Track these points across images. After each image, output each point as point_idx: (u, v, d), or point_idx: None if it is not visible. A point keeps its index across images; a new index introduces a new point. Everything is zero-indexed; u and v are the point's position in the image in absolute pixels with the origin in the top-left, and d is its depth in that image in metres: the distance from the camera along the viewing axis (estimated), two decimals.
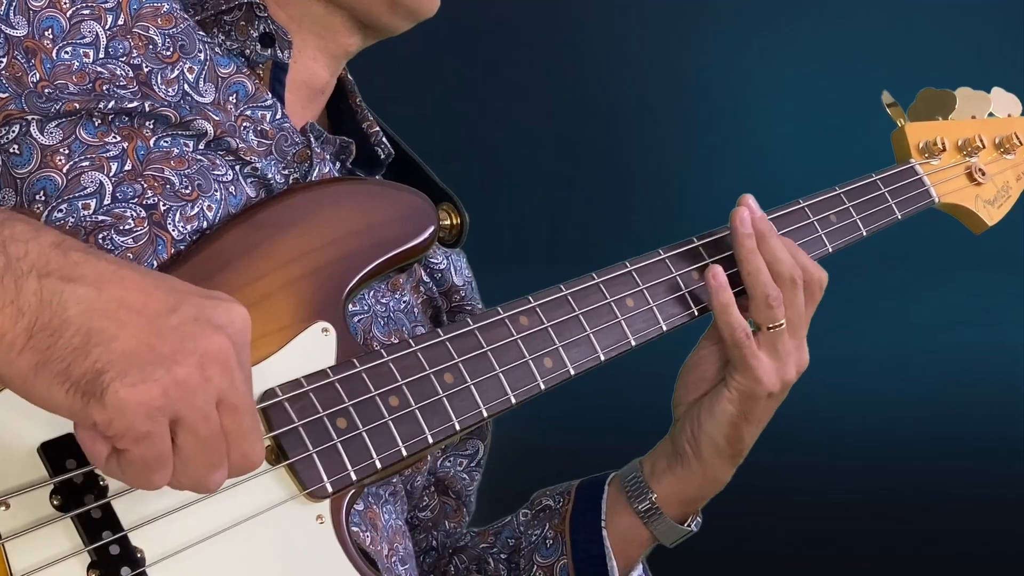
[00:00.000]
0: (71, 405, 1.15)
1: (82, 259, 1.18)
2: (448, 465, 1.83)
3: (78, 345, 1.14)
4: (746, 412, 1.70)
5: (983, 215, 2.02)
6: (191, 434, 1.18)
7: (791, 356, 1.70)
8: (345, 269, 1.50)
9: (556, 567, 1.76)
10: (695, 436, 1.72)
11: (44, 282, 1.15)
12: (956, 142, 2.01)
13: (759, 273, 1.68)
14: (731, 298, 1.69)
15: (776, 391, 1.70)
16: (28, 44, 1.45)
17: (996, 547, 3.72)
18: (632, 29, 4.05)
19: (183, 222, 1.46)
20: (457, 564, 1.83)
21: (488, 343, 1.54)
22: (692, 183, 4.05)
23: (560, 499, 1.80)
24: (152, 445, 1.16)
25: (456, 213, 1.68)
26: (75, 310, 1.15)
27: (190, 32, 1.56)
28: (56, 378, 1.14)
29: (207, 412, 1.18)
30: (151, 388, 1.14)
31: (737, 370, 1.69)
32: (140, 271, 1.20)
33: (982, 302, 3.99)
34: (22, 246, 1.17)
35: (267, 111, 1.58)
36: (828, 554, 3.74)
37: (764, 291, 1.68)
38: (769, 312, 1.68)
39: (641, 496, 1.75)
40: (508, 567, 1.80)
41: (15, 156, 1.42)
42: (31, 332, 1.14)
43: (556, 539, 1.77)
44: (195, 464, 1.20)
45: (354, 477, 1.42)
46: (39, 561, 1.26)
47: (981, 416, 3.92)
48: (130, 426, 1.14)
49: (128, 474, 1.19)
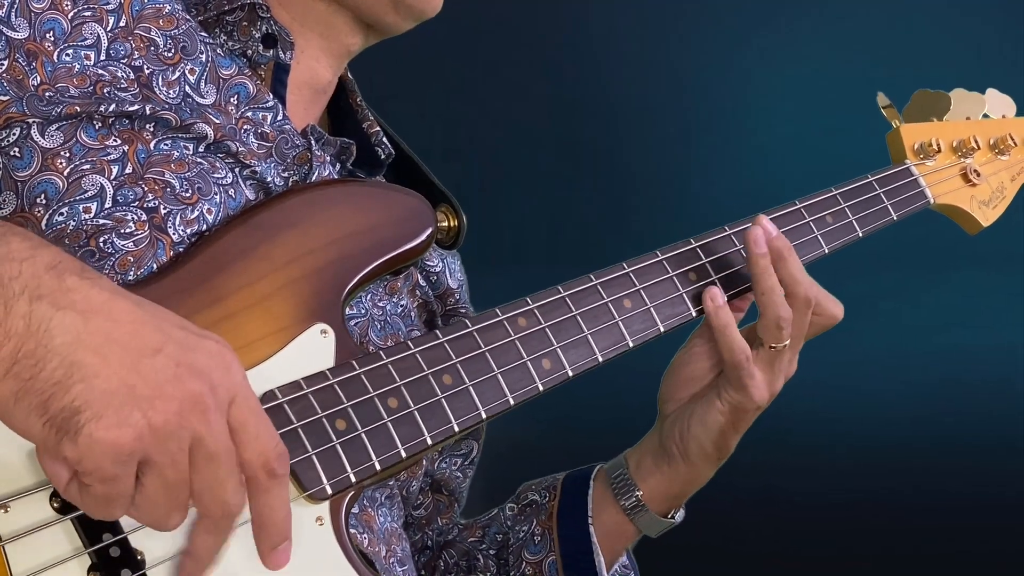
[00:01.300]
0: (45, 438, 1.15)
1: (76, 284, 1.18)
2: (444, 466, 1.83)
3: (60, 379, 1.14)
4: (735, 423, 1.71)
5: (978, 216, 2.02)
6: (157, 477, 1.18)
7: (783, 371, 1.72)
8: (344, 270, 1.50)
9: (545, 563, 1.77)
10: (683, 440, 1.73)
11: (35, 306, 1.15)
12: (951, 143, 2.01)
13: (773, 294, 1.68)
14: (731, 318, 1.69)
15: (764, 405, 1.71)
16: (29, 46, 1.45)
17: (996, 547, 3.72)
18: (632, 29, 4.04)
19: (183, 225, 1.46)
20: (447, 559, 1.84)
21: (486, 344, 1.55)
22: (692, 183, 4.05)
23: (546, 494, 1.81)
24: (116, 485, 1.17)
25: (454, 215, 1.68)
26: (60, 340, 1.15)
27: (192, 33, 1.56)
28: (35, 410, 1.14)
29: (176, 458, 1.18)
30: (125, 433, 1.14)
31: (732, 386, 1.70)
32: (133, 301, 1.20)
33: (980, 302, 3.99)
34: (16, 266, 1.17)
35: (268, 112, 1.58)
36: (828, 554, 3.74)
37: (777, 313, 1.68)
38: (778, 333, 1.68)
39: (627, 493, 1.76)
40: (497, 563, 1.81)
41: (15, 159, 1.42)
42: (15, 359, 1.14)
43: (544, 536, 1.78)
44: (155, 504, 1.20)
45: (353, 479, 1.42)
46: (39, 563, 1.26)
47: (981, 416, 3.92)
48: (98, 466, 1.15)
49: (87, 504, 1.19)
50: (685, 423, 1.73)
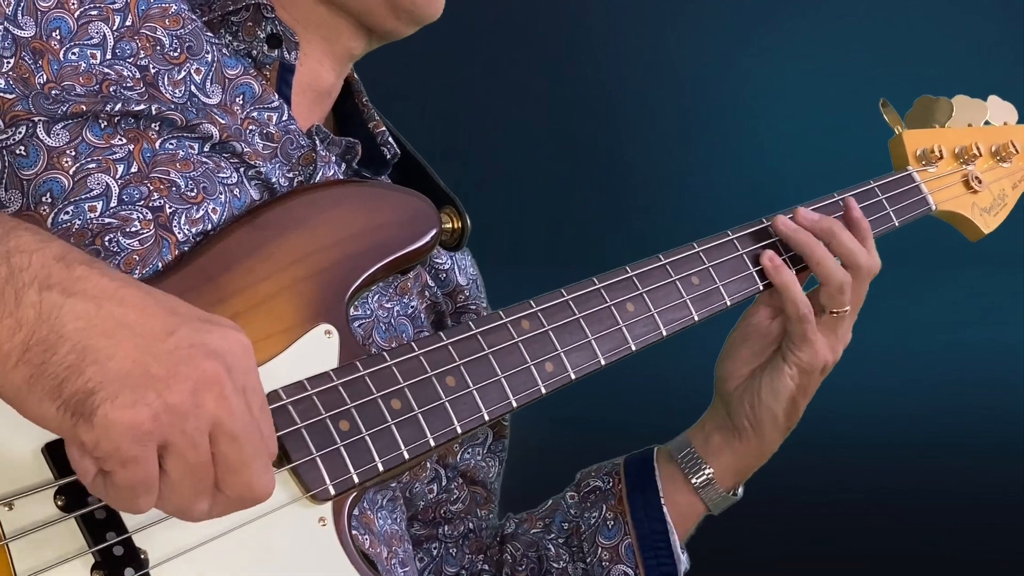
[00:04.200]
0: (61, 422, 1.14)
1: (85, 273, 1.17)
2: (468, 457, 1.85)
3: (72, 363, 1.13)
4: (804, 386, 1.77)
5: (979, 223, 2.03)
6: (179, 461, 1.17)
7: (846, 335, 1.78)
8: (348, 271, 1.50)
9: (620, 547, 1.80)
10: (755, 412, 1.78)
11: (44, 295, 1.15)
12: (953, 150, 2.02)
13: (828, 260, 1.75)
14: (793, 275, 1.74)
15: (830, 366, 1.77)
16: (35, 45, 1.45)
17: (996, 547, 3.72)
18: (632, 28, 4.04)
19: (188, 225, 1.47)
20: (512, 552, 1.85)
21: (490, 346, 1.55)
22: (692, 182, 4.05)
23: (609, 480, 1.84)
24: (138, 469, 1.15)
25: (458, 217, 1.68)
26: (72, 326, 1.14)
27: (198, 33, 1.56)
28: (48, 394, 1.13)
29: (196, 440, 1.17)
30: (141, 412, 1.13)
31: (797, 346, 1.75)
32: (142, 289, 1.20)
33: (982, 302, 3.99)
34: (26, 257, 1.17)
35: (273, 113, 1.59)
36: (827, 553, 3.74)
37: (840, 279, 1.74)
38: (841, 298, 1.74)
39: (698, 470, 1.80)
40: (569, 550, 1.83)
41: (22, 158, 1.43)
42: (27, 346, 1.14)
43: (616, 520, 1.81)
44: (180, 491, 1.19)
45: (356, 480, 1.42)
46: (43, 562, 1.26)
47: (981, 416, 3.92)
48: (116, 448, 1.14)
49: (112, 496, 1.18)
50: (755, 394, 1.78)
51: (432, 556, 1.84)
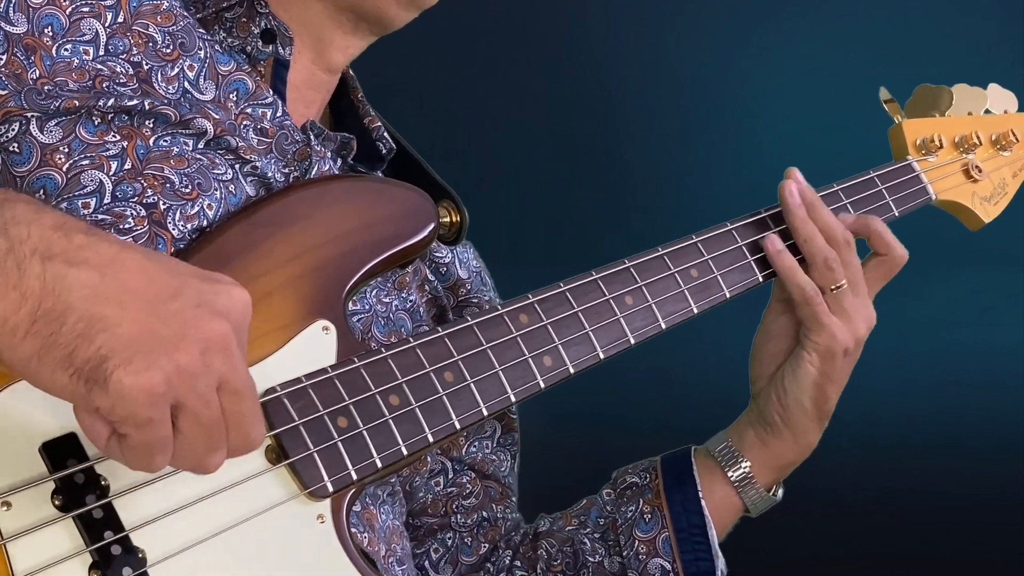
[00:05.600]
0: (74, 390, 1.15)
1: (85, 242, 1.18)
2: (475, 450, 1.84)
3: (82, 331, 1.14)
4: (827, 371, 1.76)
5: (980, 212, 2.02)
6: (192, 419, 1.18)
7: (859, 313, 1.77)
8: (345, 267, 1.50)
9: (658, 540, 1.79)
10: (783, 404, 1.78)
11: (47, 265, 1.15)
12: (953, 139, 2.01)
13: (815, 238, 1.76)
14: (794, 261, 1.75)
15: (851, 347, 1.76)
16: (28, 41, 1.45)
17: (995, 547, 3.72)
18: (631, 27, 4.04)
19: (183, 221, 1.46)
20: (548, 548, 1.84)
21: (487, 341, 1.55)
22: (691, 181, 4.05)
23: (646, 475, 1.83)
24: (154, 430, 1.17)
25: (456, 210, 1.68)
26: (78, 295, 1.15)
27: (190, 29, 1.56)
28: (59, 364, 1.14)
29: (208, 398, 1.18)
30: (154, 375, 1.14)
31: (811, 330, 1.75)
32: (143, 253, 1.20)
33: (982, 302, 3.99)
34: (24, 228, 1.17)
35: (267, 109, 1.58)
36: (827, 553, 3.73)
37: (823, 254, 1.75)
38: (830, 274, 1.75)
39: (735, 464, 1.80)
40: (605, 545, 1.82)
41: (15, 155, 1.42)
42: (34, 317, 1.14)
43: (654, 513, 1.80)
44: (195, 448, 1.20)
45: (355, 476, 1.42)
46: (41, 561, 1.26)
47: (980, 416, 3.91)
48: (132, 412, 1.15)
49: (128, 456, 1.19)
50: (780, 386, 1.78)
51: (447, 546, 1.84)
